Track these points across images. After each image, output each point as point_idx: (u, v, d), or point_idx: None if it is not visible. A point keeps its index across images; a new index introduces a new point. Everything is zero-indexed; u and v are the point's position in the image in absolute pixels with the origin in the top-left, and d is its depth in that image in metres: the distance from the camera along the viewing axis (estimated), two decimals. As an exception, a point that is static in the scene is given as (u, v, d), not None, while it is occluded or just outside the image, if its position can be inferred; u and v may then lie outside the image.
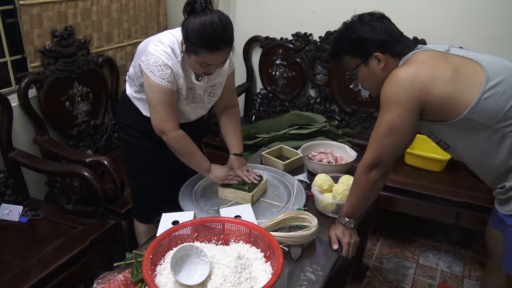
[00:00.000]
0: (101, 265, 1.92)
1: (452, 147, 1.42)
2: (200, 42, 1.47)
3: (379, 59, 1.39)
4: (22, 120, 2.19)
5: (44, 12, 2.19)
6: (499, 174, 1.39)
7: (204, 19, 1.45)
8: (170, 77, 1.57)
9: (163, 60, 1.55)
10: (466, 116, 1.28)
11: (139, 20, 2.79)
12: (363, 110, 2.88)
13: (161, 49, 1.56)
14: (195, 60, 1.54)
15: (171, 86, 1.59)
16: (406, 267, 2.49)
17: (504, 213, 1.42)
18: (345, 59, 1.47)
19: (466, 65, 1.32)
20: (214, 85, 1.76)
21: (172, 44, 1.58)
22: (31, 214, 1.99)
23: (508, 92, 1.27)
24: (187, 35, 1.49)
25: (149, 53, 1.57)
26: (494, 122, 1.28)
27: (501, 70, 1.30)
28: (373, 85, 1.46)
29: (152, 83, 1.58)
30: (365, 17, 1.42)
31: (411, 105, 1.29)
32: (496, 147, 1.32)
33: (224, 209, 1.59)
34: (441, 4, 2.57)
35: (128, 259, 1.37)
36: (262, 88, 3.24)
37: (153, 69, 1.56)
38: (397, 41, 1.39)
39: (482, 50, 2.45)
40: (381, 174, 1.40)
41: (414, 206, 2.32)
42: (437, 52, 1.36)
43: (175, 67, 1.58)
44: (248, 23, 3.20)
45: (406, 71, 1.31)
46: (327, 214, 1.66)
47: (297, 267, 1.38)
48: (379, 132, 1.35)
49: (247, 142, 2.69)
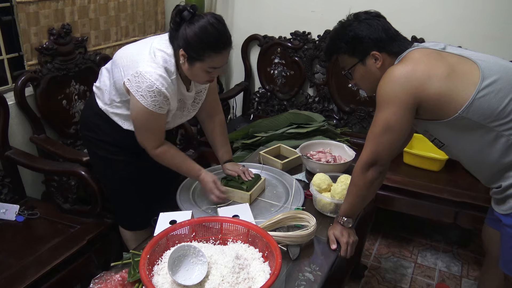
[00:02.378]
0: (98, 264, 1.91)
1: (447, 146, 1.43)
2: (206, 46, 1.43)
3: (376, 58, 1.39)
4: (18, 119, 2.18)
5: (41, 9, 2.18)
6: (493, 173, 1.39)
7: (202, 23, 1.42)
8: (162, 103, 1.50)
9: (157, 86, 1.45)
10: (461, 114, 1.28)
11: (136, 18, 2.78)
12: (361, 109, 2.88)
13: (155, 72, 1.45)
14: (200, 67, 1.48)
15: (161, 111, 1.52)
16: (404, 266, 2.48)
17: (500, 212, 1.42)
18: (342, 58, 1.47)
19: (461, 64, 1.32)
20: (200, 91, 1.74)
21: (165, 62, 1.49)
22: (28, 213, 1.97)
23: (503, 91, 1.28)
24: (189, 43, 1.43)
25: (141, 75, 1.45)
26: (488, 121, 1.28)
27: (496, 69, 1.31)
28: (369, 84, 1.46)
29: (141, 107, 1.49)
30: (361, 16, 1.41)
31: (407, 102, 1.29)
32: (490, 146, 1.32)
33: (222, 209, 1.58)
34: (440, 2, 2.57)
35: (125, 258, 1.36)
36: (261, 87, 3.24)
37: (145, 94, 1.47)
38: (394, 40, 1.39)
39: (481, 49, 2.45)
40: (378, 173, 1.40)
41: (412, 205, 2.32)
42: (432, 51, 1.36)
43: (169, 91, 1.49)
44: (246, 22, 3.20)
45: (402, 69, 1.31)
46: (326, 213, 1.66)
47: (295, 267, 1.37)
48: (375, 130, 1.35)
49: (245, 141, 2.68)
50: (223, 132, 1.87)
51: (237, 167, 1.83)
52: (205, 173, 1.71)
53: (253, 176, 1.79)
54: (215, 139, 1.87)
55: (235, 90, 3.22)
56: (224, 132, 1.88)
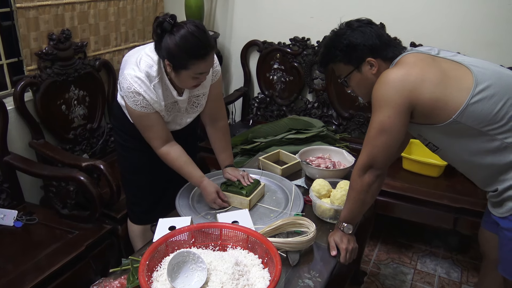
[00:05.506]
0: (97, 271, 1.90)
1: (441, 149, 1.44)
2: (188, 55, 1.48)
3: (371, 64, 1.40)
4: (17, 124, 2.17)
5: (41, 15, 2.18)
6: (487, 176, 1.40)
7: (183, 32, 1.46)
8: (142, 103, 1.58)
9: (135, 88, 1.55)
10: (455, 119, 1.29)
11: (136, 24, 2.79)
12: (360, 114, 2.88)
13: (134, 75, 1.55)
14: (186, 74, 1.53)
15: (146, 110, 1.61)
16: (404, 273, 2.48)
17: (498, 216, 1.43)
18: (337, 66, 1.48)
19: (454, 69, 1.33)
20: (198, 95, 1.77)
21: (148, 67, 1.57)
22: (26, 219, 1.97)
23: (496, 96, 1.29)
24: (172, 53, 1.48)
25: (124, 77, 1.58)
26: (482, 126, 1.30)
27: (489, 75, 1.32)
28: (366, 90, 1.47)
29: (128, 107, 1.62)
30: (354, 24, 1.43)
31: (402, 105, 1.30)
32: (484, 150, 1.33)
33: (221, 215, 1.58)
34: (440, 9, 2.58)
35: (124, 265, 1.36)
36: (260, 93, 3.24)
37: (126, 94, 1.58)
38: (388, 45, 1.41)
39: (482, 55, 2.46)
40: (375, 176, 1.40)
41: (412, 211, 2.31)
42: (426, 55, 1.38)
43: (148, 93, 1.57)
44: (246, 28, 3.21)
45: (396, 72, 1.32)
46: (325, 219, 1.65)
47: (295, 274, 1.37)
48: (371, 133, 1.37)
49: (245, 147, 2.68)
50: (225, 137, 1.89)
51: (237, 172, 1.83)
52: (207, 182, 1.72)
53: (252, 181, 1.79)
54: (217, 144, 1.89)
55: (234, 95, 3.22)
56: (226, 137, 1.90)
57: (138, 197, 1.92)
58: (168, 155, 1.70)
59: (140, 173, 1.87)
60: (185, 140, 1.83)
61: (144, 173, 1.87)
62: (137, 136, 1.74)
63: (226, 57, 3.41)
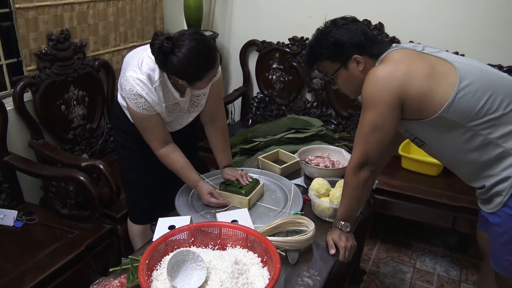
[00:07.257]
0: (97, 270, 1.90)
1: (427, 145, 1.45)
2: (198, 69, 1.50)
3: (358, 61, 1.41)
4: (17, 124, 2.18)
5: (40, 15, 2.18)
6: (472, 171, 1.42)
7: (185, 51, 1.45)
8: (144, 105, 1.59)
9: (137, 90, 1.56)
10: (440, 115, 1.31)
11: (135, 24, 2.79)
12: (359, 114, 2.86)
13: (136, 77, 1.56)
14: (201, 83, 1.56)
15: (147, 112, 1.62)
16: (403, 271, 2.48)
17: (487, 211, 1.44)
18: (324, 64, 1.48)
19: (439, 65, 1.35)
20: (198, 95, 1.78)
21: (150, 70, 1.57)
22: (26, 219, 1.97)
23: (479, 91, 1.31)
24: (182, 73, 1.49)
25: (126, 79, 1.58)
26: (466, 121, 1.31)
27: (472, 71, 1.34)
28: (353, 87, 1.48)
29: (130, 108, 1.63)
30: (339, 22, 1.45)
31: (391, 102, 1.32)
32: (468, 145, 1.35)
33: (220, 214, 1.58)
34: (439, 9, 2.59)
35: (123, 264, 1.36)
36: (259, 92, 3.25)
37: (128, 96, 1.59)
38: (373, 42, 1.42)
39: (481, 55, 2.47)
40: (370, 172, 1.42)
41: (411, 210, 2.32)
42: (412, 51, 1.39)
43: (150, 96, 1.58)
44: (245, 27, 3.21)
45: (383, 69, 1.33)
46: (324, 218, 1.66)
47: (294, 272, 1.37)
48: (363, 131, 1.38)
49: (244, 146, 2.69)
50: (223, 137, 1.90)
51: (235, 171, 1.83)
52: (202, 184, 1.74)
53: (251, 180, 1.79)
54: (215, 144, 1.90)
55: (233, 95, 3.23)
56: (224, 137, 1.90)
57: (138, 196, 1.93)
58: (166, 157, 1.72)
59: (140, 173, 1.88)
60: (185, 139, 1.84)
61: (144, 173, 1.87)
62: (137, 136, 1.74)
63: (225, 57, 3.42)
